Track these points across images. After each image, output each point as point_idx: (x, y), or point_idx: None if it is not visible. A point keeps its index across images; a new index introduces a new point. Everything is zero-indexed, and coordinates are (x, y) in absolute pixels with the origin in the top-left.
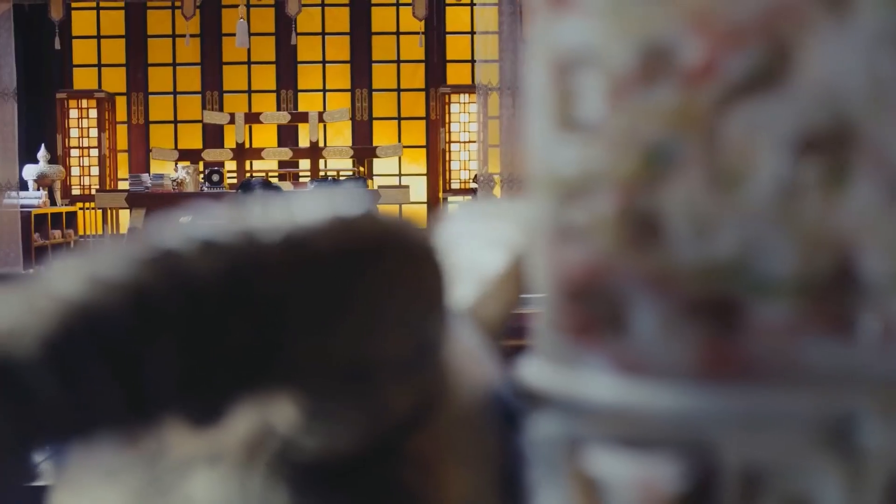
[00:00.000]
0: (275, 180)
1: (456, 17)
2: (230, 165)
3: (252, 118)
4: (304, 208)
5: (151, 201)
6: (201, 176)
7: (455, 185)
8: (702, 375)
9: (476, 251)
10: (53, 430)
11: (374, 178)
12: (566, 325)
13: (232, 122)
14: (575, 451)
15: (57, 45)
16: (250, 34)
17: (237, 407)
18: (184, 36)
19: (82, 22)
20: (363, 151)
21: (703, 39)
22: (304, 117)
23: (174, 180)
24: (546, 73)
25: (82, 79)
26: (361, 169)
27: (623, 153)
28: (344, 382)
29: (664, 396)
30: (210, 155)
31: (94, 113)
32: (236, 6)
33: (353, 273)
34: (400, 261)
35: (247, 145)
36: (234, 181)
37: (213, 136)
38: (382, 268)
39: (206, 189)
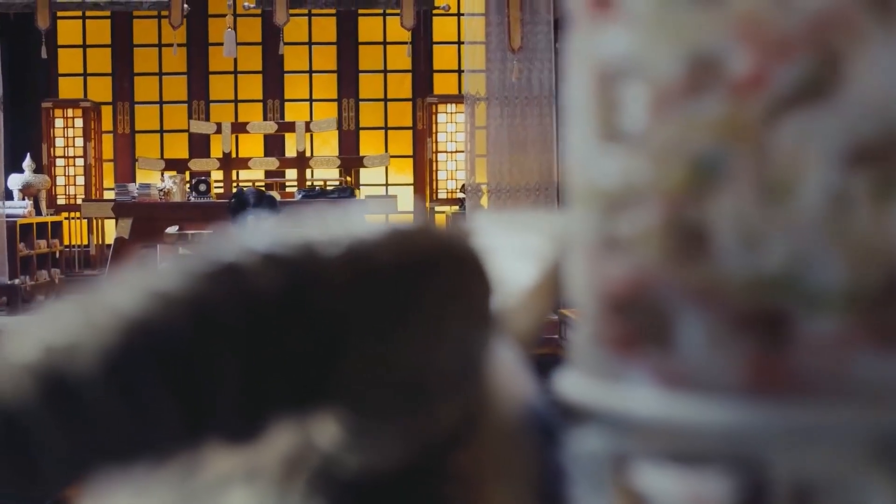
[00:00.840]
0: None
1: (443, 27)
2: (216, 175)
3: (239, 128)
4: (359, 221)
5: (138, 211)
6: (187, 186)
7: (442, 196)
8: (750, 390)
9: (505, 263)
10: (110, 448)
11: (361, 188)
12: (608, 338)
13: (218, 131)
14: (621, 466)
15: (43, 54)
16: (237, 44)
17: (287, 424)
18: (170, 45)
19: (68, 31)
20: (350, 161)
21: (751, 49)
22: (290, 127)
23: (161, 190)
24: (587, 83)
25: (68, 88)
26: (348, 179)
27: (669, 164)
28: (395, 398)
29: (712, 411)
30: (196, 164)
31: (79, 122)
32: (223, 16)
33: (411, 287)
34: (455, 274)
35: (233, 155)
36: (221, 191)
37: (200, 145)
38: (439, 282)
39: (192, 199)
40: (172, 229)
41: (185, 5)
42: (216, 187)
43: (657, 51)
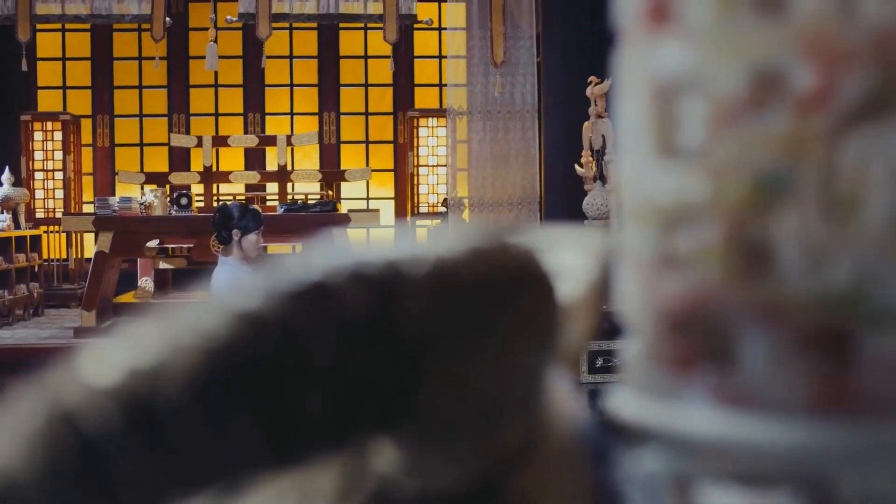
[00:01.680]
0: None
1: (423, 42)
2: (197, 189)
3: (220, 141)
4: (439, 238)
5: (119, 225)
6: (168, 199)
7: (423, 209)
8: (815, 410)
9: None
10: (190, 476)
11: (342, 201)
12: (666, 356)
13: (199, 145)
14: (683, 487)
15: (24, 67)
16: (218, 57)
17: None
18: (150, 58)
19: (47, 43)
20: (331, 175)
21: (815, 64)
22: (272, 141)
23: (142, 204)
24: (643, 98)
25: (47, 101)
26: (330, 193)
27: (730, 181)
28: (467, 420)
29: (777, 431)
30: (177, 178)
31: (58, 135)
32: (203, 29)
33: (494, 308)
34: (534, 293)
35: (214, 168)
36: (202, 204)
37: (180, 159)
38: (520, 302)
39: (174, 213)
40: (153, 243)
41: (167, 19)
42: (197, 201)
43: (718, 65)
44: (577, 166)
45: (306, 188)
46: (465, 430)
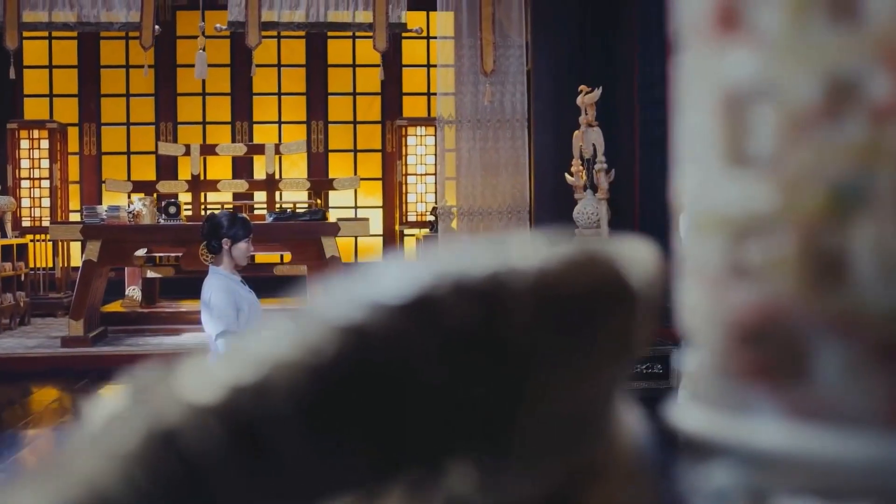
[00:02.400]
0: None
1: (412, 51)
2: (184, 197)
3: (208, 150)
4: (532, 246)
5: (107, 233)
6: (156, 208)
7: (412, 218)
8: (892, 423)
9: None
10: (292, 495)
11: (330, 210)
12: (736, 369)
13: (187, 153)
14: (759, 502)
15: (12, 75)
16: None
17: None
18: (137, 67)
19: (34, 51)
20: (320, 184)
21: (892, 72)
22: (260, 149)
23: (130, 212)
24: (710, 107)
25: (33, 109)
26: (318, 201)
27: (804, 190)
28: (555, 435)
29: (853, 445)
30: (165, 186)
31: (45, 143)
32: (191, 37)
33: (592, 321)
34: (625, 308)
35: (202, 177)
36: (190, 213)
37: (167, 167)
38: (613, 315)
39: (162, 221)
40: (141, 252)
41: (157, 27)
42: (185, 210)
43: (791, 74)
44: (567, 175)
45: (294, 197)
46: (550, 445)
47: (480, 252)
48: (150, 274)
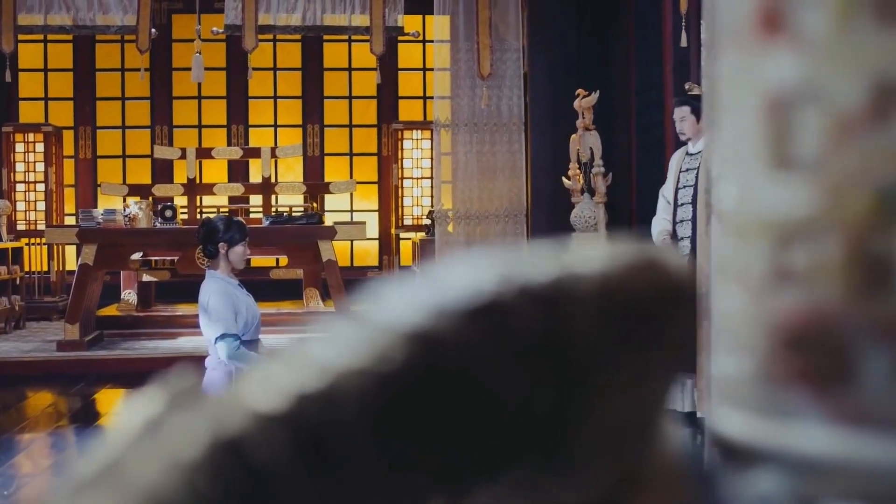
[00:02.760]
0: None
1: (408, 54)
2: (180, 201)
3: (203, 153)
4: (595, 253)
5: (103, 237)
6: (152, 211)
7: (408, 222)
8: None
9: None
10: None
11: (326, 213)
12: (779, 374)
13: (183, 157)
14: None
15: (8, 78)
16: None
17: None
18: (134, 70)
19: (29, 54)
20: (316, 187)
21: None
22: (256, 153)
23: (126, 216)
24: (752, 110)
25: (29, 112)
26: (314, 205)
27: (851, 194)
28: (612, 443)
29: None
30: (161, 190)
31: (40, 147)
32: (187, 41)
33: (653, 327)
34: (684, 310)
35: (198, 181)
36: (186, 217)
37: (163, 170)
38: (672, 321)
39: (159, 225)
40: (137, 256)
41: (153, 30)
42: (181, 213)
43: (837, 76)
44: (564, 179)
45: (290, 200)
46: (604, 452)
47: (539, 257)
48: (146, 278)
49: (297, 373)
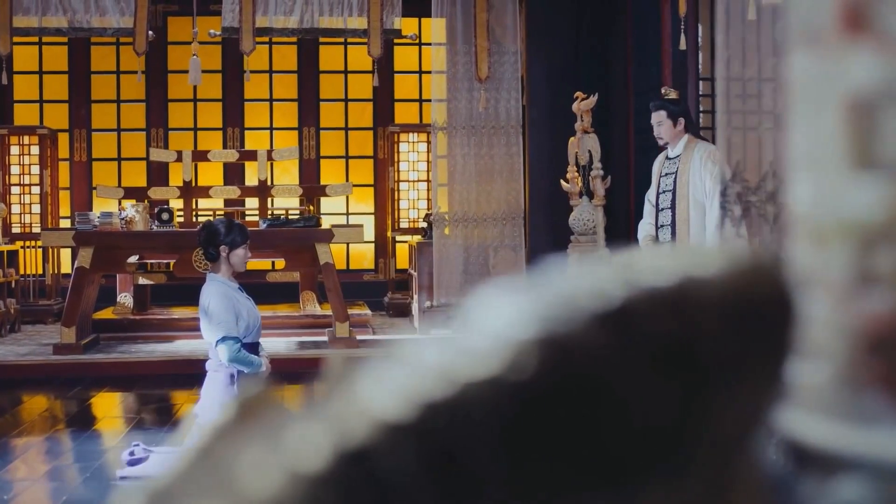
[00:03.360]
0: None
1: (404, 57)
2: (175, 204)
3: (199, 156)
4: (712, 257)
5: (100, 240)
6: (148, 214)
7: (404, 225)
8: None
9: None
10: None
11: (322, 217)
12: (864, 379)
13: (178, 159)
14: None
15: (3, 80)
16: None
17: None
18: (129, 73)
19: (24, 57)
20: (312, 190)
21: None
22: (252, 155)
23: (123, 218)
24: (833, 111)
25: (24, 115)
26: (311, 207)
27: None
28: (724, 449)
29: None
30: (156, 193)
31: (35, 149)
32: (182, 43)
33: (774, 331)
34: (796, 315)
35: (193, 183)
36: (182, 220)
37: (158, 173)
38: (786, 326)
39: (155, 228)
40: (133, 258)
41: (150, 32)
42: (177, 216)
43: None
44: (562, 181)
45: (286, 203)
46: (716, 461)
47: (658, 261)
48: (142, 281)
49: (420, 380)
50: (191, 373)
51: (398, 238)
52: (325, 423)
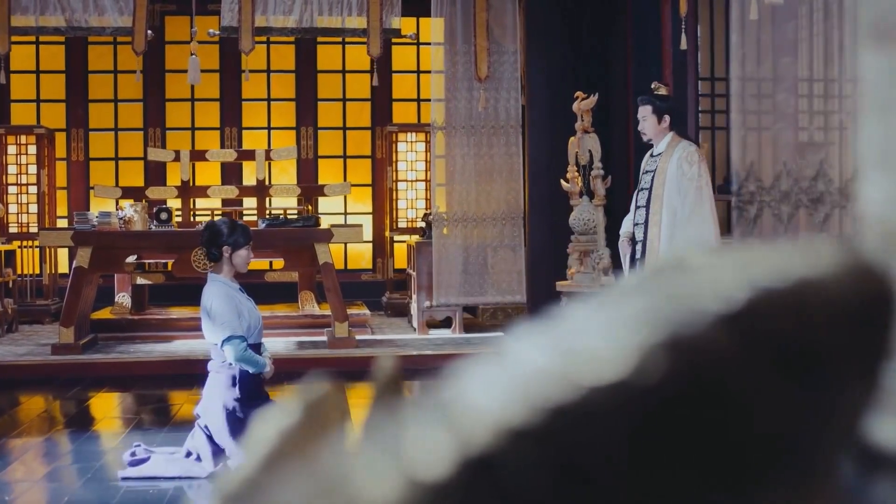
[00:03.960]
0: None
1: (401, 57)
2: (173, 203)
3: (198, 156)
4: (818, 256)
5: (99, 240)
6: (147, 214)
7: (402, 225)
8: None
9: None
10: None
11: (320, 216)
12: None
13: (177, 159)
14: None
15: (2, 80)
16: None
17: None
18: (127, 72)
19: (21, 56)
20: (310, 190)
21: None
22: (250, 155)
23: (121, 218)
24: None
25: (21, 114)
26: (309, 207)
27: None
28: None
29: None
30: (154, 193)
31: (33, 149)
32: (180, 42)
33: (881, 333)
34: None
35: (191, 183)
36: (180, 219)
37: (156, 173)
38: (892, 326)
39: (154, 227)
40: (131, 258)
41: (149, 31)
42: (175, 216)
43: None
44: (562, 181)
45: (284, 203)
46: (826, 462)
47: (769, 260)
48: (140, 280)
49: (540, 383)
50: (189, 373)
51: (396, 238)
52: (443, 429)
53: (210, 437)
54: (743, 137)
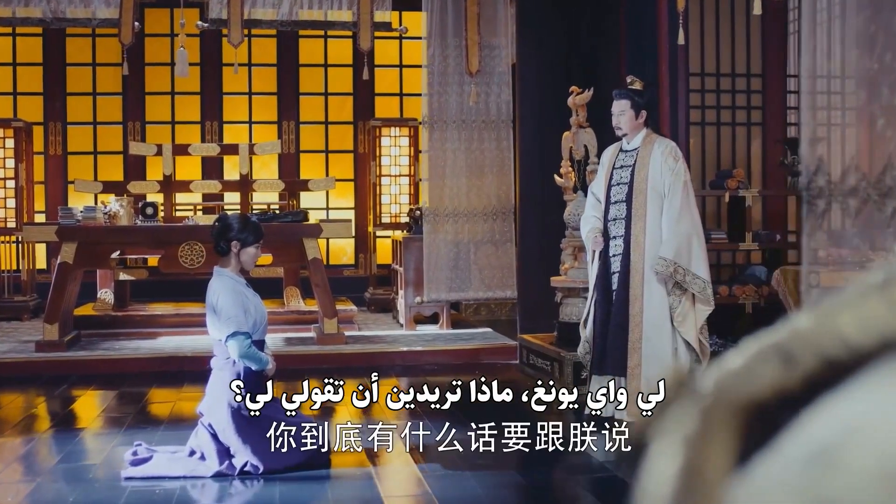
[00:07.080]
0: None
1: (384, 51)
2: (155, 198)
3: (180, 150)
4: None
5: (84, 235)
6: (131, 208)
7: (386, 220)
8: None
9: None
10: None
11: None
12: None
13: (159, 153)
14: None
15: None
16: (173, 64)
17: None
18: (105, 65)
19: None
20: (294, 184)
21: None
22: (233, 149)
23: (106, 213)
24: None
25: None
26: (294, 202)
27: None
28: None
29: None
30: (136, 187)
31: (10, 143)
32: (161, 35)
33: None
34: None
35: (173, 178)
36: (163, 214)
37: (136, 167)
38: None
39: (139, 222)
40: (114, 254)
41: (136, 23)
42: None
43: None
44: (556, 176)
45: (267, 198)
46: None
47: None
48: (123, 276)
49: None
50: (176, 370)
51: (379, 233)
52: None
53: (214, 436)
54: (812, 132)
